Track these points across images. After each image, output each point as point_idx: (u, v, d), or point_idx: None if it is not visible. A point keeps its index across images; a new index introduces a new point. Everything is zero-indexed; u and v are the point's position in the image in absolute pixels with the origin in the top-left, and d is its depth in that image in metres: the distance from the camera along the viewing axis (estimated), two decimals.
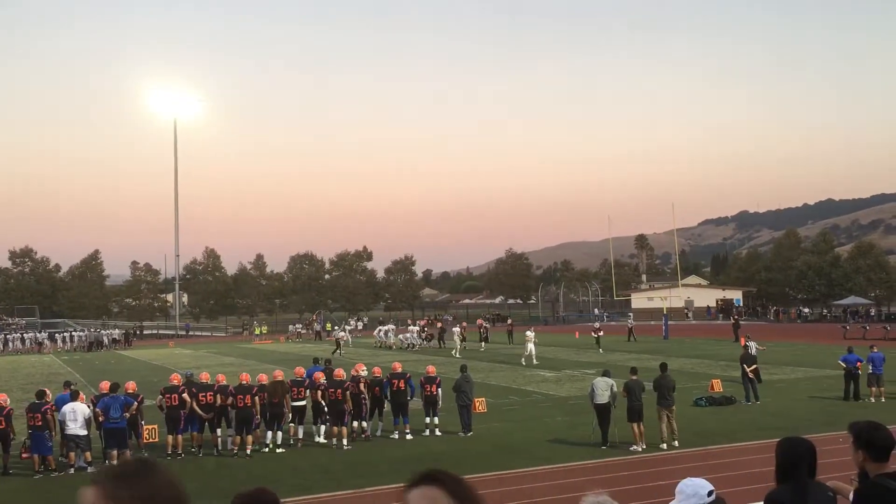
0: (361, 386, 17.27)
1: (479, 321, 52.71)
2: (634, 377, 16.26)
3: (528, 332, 36.36)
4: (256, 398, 16.33)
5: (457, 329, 43.17)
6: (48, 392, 16.29)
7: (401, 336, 48.65)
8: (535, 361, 34.11)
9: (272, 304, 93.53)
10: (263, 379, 17.52)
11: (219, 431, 16.73)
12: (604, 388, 16.02)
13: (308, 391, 17.59)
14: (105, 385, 16.69)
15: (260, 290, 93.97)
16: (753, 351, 24.10)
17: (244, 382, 16.65)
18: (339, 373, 17.64)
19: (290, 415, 17.12)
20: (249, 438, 16.20)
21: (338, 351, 43.14)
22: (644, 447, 15.50)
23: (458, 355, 39.04)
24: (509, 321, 55.63)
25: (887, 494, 3.99)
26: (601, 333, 43.77)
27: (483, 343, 45.85)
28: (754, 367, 21.67)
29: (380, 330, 53.03)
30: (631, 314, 69.40)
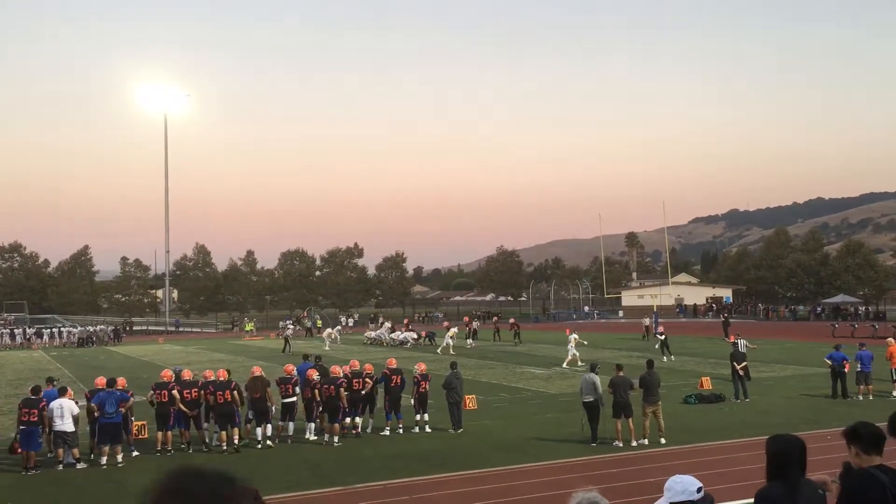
0: (367, 381, 17.50)
1: (466, 318, 52.53)
2: (621, 373, 16.28)
3: (573, 335, 33.00)
4: (235, 393, 16.47)
5: (449, 327, 42.86)
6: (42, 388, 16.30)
7: (393, 335, 48.52)
8: (579, 364, 30.46)
9: (263, 301, 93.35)
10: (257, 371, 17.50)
11: (205, 427, 16.81)
12: (591, 385, 16.08)
13: (298, 388, 17.62)
14: (101, 380, 16.82)
15: (250, 286, 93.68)
16: (742, 348, 24.26)
17: (222, 379, 16.80)
18: (335, 370, 17.73)
19: (274, 409, 17.16)
20: (236, 431, 16.34)
21: (287, 348, 43.48)
22: (636, 443, 15.56)
23: (451, 352, 38.95)
24: (495, 318, 55.58)
25: (871, 480, 4.03)
26: (664, 336, 34.90)
27: (517, 340, 45.50)
28: (744, 364, 21.82)
29: (371, 327, 52.94)
30: (621, 312, 69.87)
